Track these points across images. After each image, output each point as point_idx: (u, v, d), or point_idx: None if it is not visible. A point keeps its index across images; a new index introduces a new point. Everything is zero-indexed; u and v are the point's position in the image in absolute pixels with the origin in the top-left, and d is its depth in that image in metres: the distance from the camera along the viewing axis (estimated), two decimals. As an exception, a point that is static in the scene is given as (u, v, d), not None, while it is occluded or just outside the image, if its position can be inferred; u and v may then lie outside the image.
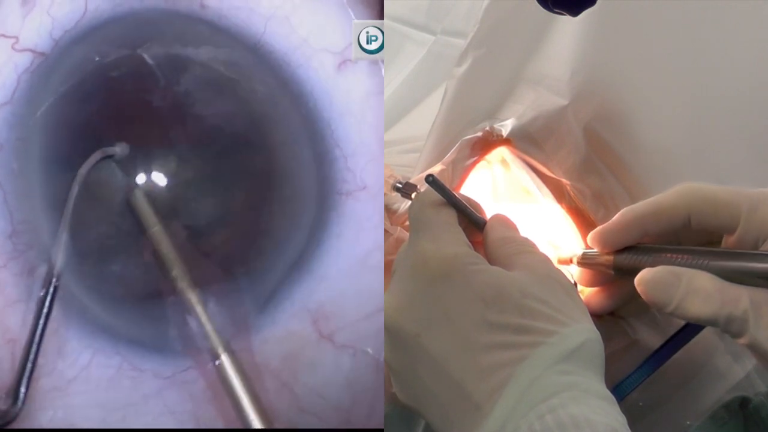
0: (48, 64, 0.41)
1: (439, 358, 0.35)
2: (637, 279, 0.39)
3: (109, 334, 0.42)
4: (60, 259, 0.41)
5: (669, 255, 0.39)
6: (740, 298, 0.36)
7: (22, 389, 0.40)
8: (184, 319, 0.42)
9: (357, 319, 0.41)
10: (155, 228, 0.42)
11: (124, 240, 0.42)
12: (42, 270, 0.41)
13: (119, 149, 0.42)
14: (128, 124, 0.42)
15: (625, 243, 0.41)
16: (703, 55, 0.49)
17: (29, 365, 0.40)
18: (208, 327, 0.41)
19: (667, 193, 0.41)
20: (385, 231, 0.45)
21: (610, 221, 0.42)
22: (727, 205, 0.39)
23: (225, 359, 0.41)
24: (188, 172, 0.43)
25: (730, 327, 0.37)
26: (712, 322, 0.37)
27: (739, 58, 0.49)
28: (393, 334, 0.37)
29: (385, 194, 0.44)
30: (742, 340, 0.37)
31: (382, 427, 0.42)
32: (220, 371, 0.41)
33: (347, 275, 0.42)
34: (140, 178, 0.42)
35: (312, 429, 0.42)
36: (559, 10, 0.39)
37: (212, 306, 0.42)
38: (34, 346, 0.40)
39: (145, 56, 0.42)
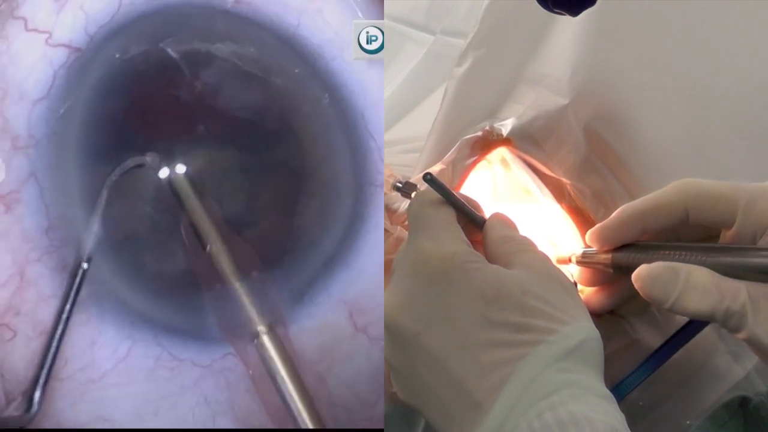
0: (84, 60, 0.41)
1: (439, 357, 0.35)
2: (634, 275, 0.39)
3: (150, 324, 0.42)
4: (86, 253, 0.41)
5: (667, 252, 0.39)
6: (738, 292, 0.36)
7: (37, 394, 0.40)
8: (223, 303, 0.42)
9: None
10: (194, 202, 0.42)
11: (160, 229, 0.43)
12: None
13: (150, 158, 0.42)
14: (162, 119, 0.42)
15: (623, 240, 0.41)
16: (703, 55, 0.49)
17: (44, 372, 0.40)
18: (248, 305, 0.42)
19: (665, 189, 0.41)
20: (385, 230, 0.45)
21: (608, 218, 0.42)
22: (725, 200, 0.39)
23: (266, 338, 0.41)
24: (221, 166, 0.43)
25: (728, 322, 0.37)
26: (711, 317, 0.37)
27: (739, 58, 0.49)
28: (393, 332, 0.37)
29: (385, 194, 0.44)
30: (741, 335, 0.37)
31: (382, 426, 0.42)
32: (261, 349, 0.41)
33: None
34: (174, 171, 0.43)
35: (311, 429, 0.42)
36: (559, 10, 0.39)
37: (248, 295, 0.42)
38: (53, 348, 0.40)
39: (175, 52, 0.42)
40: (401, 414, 0.47)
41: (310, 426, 0.41)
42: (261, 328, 0.41)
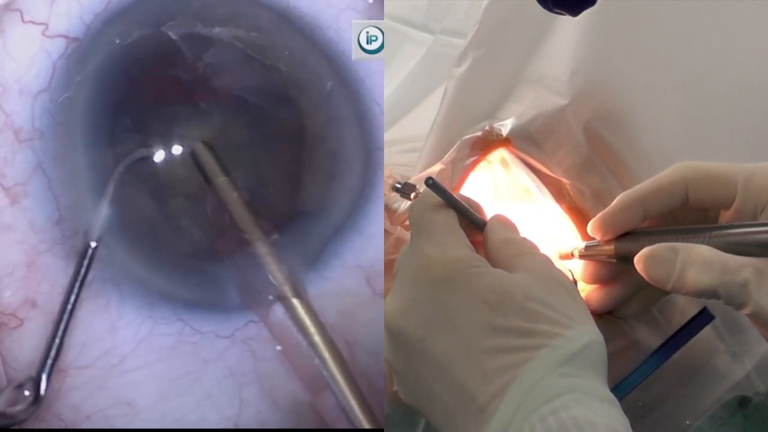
0: (82, 49, 0.41)
1: (442, 362, 0.35)
2: (636, 258, 0.39)
3: (169, 300, 0.42)
4: (95, 234, 0.41)
5: (669, 236, 0.39)
6: (741, 265, 0.36)
7: (43, 384, 0.40)
8: (243, 270, 0.42)
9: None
10: (221, 179, 0.42)
11: (173, 206, 0.43)
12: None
13: (155, 150, 0.42)
14: (165, 101, 0.43)
15: (625, 227, 0.42)
16: (702, 54, 0.49)
17: (50, 360, 0.40)
18: (273, 267, 0.41)
19: (664, 172, 0.41)
20: (385, 231, 0.45)
21: (609, 206, 0.42)
22: (724, 177, 0.39)
23: (294, 299, 0.41)
24: (227, 141, 0.43)
25: (732, 297, 0.36)
26: (714, 293, 0.37)
27: (738, 58, 0.49)
28: (396, 337, 0.37)
29: (384, 194, 0.44)
30: (746, 310, 0.36)
31: (382, 427, 0.42)
32: (290, 310, 0.41)
33: None
34: (177, 149, 0.43)
35: (309, 429, 0.42)
36: (559, 10, 0.39)
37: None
38: (60, 332, 0.40)
39: (171, 33, 0.42)
40: (402, 414, 0.47)
41: (343, 386, 0.41)
42: (287, 289, 0.41)
